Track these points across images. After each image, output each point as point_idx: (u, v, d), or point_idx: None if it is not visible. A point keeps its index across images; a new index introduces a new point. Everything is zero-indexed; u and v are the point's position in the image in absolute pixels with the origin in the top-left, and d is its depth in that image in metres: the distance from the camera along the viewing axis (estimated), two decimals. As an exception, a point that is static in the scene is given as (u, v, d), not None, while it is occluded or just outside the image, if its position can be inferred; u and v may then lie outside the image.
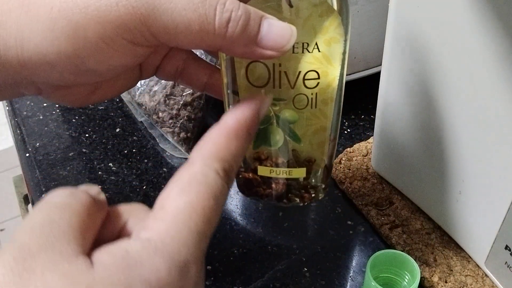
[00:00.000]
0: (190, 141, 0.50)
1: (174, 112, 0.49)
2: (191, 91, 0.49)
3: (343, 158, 0.47)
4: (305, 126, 0.32)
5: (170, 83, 0.49)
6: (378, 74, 0.40)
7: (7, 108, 0.56)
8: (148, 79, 0.51)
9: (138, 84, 0.52)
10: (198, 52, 0.47)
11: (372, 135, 0.44)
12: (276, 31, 0.25)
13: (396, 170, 0.43)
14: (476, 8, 0.29)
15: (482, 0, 0.28)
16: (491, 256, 0.36)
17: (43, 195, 0.46)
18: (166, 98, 0.49)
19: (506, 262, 0.34)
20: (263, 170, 0.34)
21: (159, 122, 0.50)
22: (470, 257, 0.39)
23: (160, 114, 0.49)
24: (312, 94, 0.31)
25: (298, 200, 0.37)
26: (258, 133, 0.33)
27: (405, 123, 0.39)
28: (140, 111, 0.52)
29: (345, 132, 0.52)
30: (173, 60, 0.33)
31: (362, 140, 0.49)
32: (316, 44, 0.29)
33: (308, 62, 0.30)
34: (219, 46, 0.25)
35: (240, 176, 0.35)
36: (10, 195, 0.99)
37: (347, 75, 0.50)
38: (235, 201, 0.46)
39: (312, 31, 0.29)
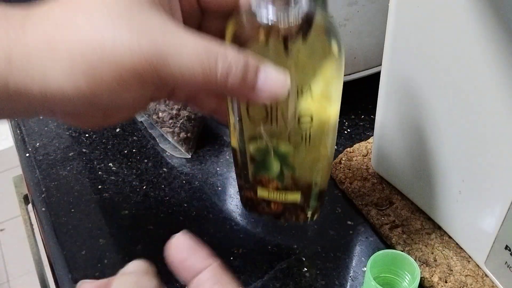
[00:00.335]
0: (190, 141, 0.50)
1: (174, 112, 0.49)
2: (191, 91, 0.49)
3: (343, 158, 0.47)
4: (302, 155, 0.35)
5: (170, 83, 0.49)
6: (378, 74, 0.40)
7: (7, 108, 0.56)
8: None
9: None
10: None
11: (372, 135, 0.44)
12: (271, 80, 0.27)
13: (396, 170, 0.43)
14: (476, 8, 0.29)
15: (482, 0, 0.28)
16: (491, 256, 0.36)
17: (43, 195, 0.46)
18: (166, 98, 0.49)
19: (506, 262, 0.34)
20: (262, 192, 0.37)
21: (159, 122, 0.50)
22: (470, 257, 0.39)
23: (160, 114, 0.49)
24: (306, 131, 0.33)
25: (294, 219, 0.40)
26: (258, 162, 0.36)
27: (405, 123, 0.39)
28: (140, 111, 0.52)
29: (345, 132, 0.52)
30: (184, 89, 0.35)
31: (362, 140, 0.49)
32: (311, 87, 0.31)
33: (304, 103, 0.31)
34: (220, 92, 0.28)
35: (243, 194, 0.39)
36: (10, 195, 0.99)
37: (347, 75, 0.50)
38: (235, 201, 0.46)
39: (310, 73, 0.31)
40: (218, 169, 0.49)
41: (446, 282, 0.37)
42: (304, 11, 0.29)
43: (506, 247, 0.34)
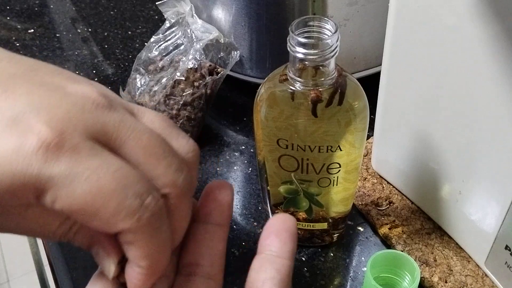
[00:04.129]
0: (190, 141, 0.50)
1: (174, 112, 0.49)
2: (191, 91, 0.49)
3: (343, 158, 0.47)
4: (331, 194, 0.37)
5: (170, 83, 0.49)
6: (378, 74, 0.40)
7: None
8: (148, 79, 0.51)
9: (138, 84, 0.52)
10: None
11: (372, 135, 0.44)
12: None
13: (396, 170, 0.43)
14: (475, 8, 0.29)
15: (481, 0, 0.28)
16: (491, 256, 0.36)
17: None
18: (166, 98, 0.49)
19: (506, 262, 0.34)
20: None
21: (159, 122, 0.50)
22: (470, 257, 0.39)
23: (160, 114, 0.49)
24: (334, 177, 0.35)
25: (320, 241, 0.41)
26: (288, 199, 0.37)
27: (405, 123, 0.39)
28: (140, 111, 0.52)
29: (345, 132, 0.52)
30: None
31: (362, 140, 0.49)
32: (340, 146, 0.33)
33: (332, 157, 0.34)
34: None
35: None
36: (10, 195, 0.98)
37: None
38: (235, 201, 0.46)
39: (338, 133, 0.32)
40: (218, 169, 0.49)
41: (446, 282, 0.37)
42: (333, 80, 0.31)
43: (506, 247, 0.34)
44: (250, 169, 0.49)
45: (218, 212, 0.27)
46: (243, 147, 0.51)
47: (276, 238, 0.26)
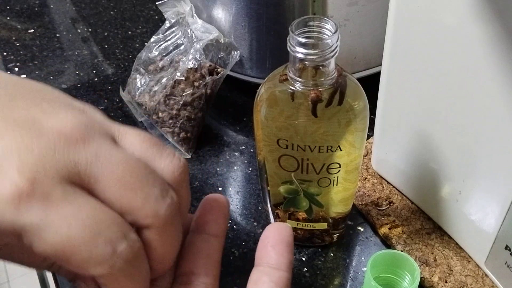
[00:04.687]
0: (190, 141, 0.50)
1: (174, 112, 0.49)
2: (191, 91, 0.49)
3: (343, 158, 0.47)
4: (331, 194, 0.37)
5: (170, 83, 0.49)
6: (378, 74, 0.40)
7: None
8: (148, 79, 0.51)
9: (138, 84, 0.52)
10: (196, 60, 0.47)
11: (372, 135, 0.44)
12: None
13: (396, 170, 0.43)
14: (475, 8, 0.29)
15: (481, 0, 0.28)
16: (491, 256, 0.36)
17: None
18: (166, 98, 0.49)
19: (506, 262, 0.34)
20: (291, 223, 0.40)
21: (159, 122, 0.50)
22: (470, 257, 0.39)
23: (160, 114, 0.49)
24: (334, 177, 0.35)
25: (320, 241, 0.41)
26: (288, 199, 0.37)
27: (405, 123, 0.39)
28: (140, 111, 0.52)
29: (345, 132, 0.52)
30: None
31: (362, 140, 0.49)
32: (340, 146, 0.33)
33: (332, 157, 0.34)
34: None
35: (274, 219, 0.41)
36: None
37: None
38: (235, 201, 0.46)
39: (338, 133, 0.32)
40: (218, 169, 0.49)
41: (446, 282, 0.37)
42: (333, 80, 0.31)
43: (506, 247, 0.34)
44: (250, 169, 0.49)
45: (214, 223, 0.27)
46: (243, 147, 0.51)
47: (273, 250, 0.26)
